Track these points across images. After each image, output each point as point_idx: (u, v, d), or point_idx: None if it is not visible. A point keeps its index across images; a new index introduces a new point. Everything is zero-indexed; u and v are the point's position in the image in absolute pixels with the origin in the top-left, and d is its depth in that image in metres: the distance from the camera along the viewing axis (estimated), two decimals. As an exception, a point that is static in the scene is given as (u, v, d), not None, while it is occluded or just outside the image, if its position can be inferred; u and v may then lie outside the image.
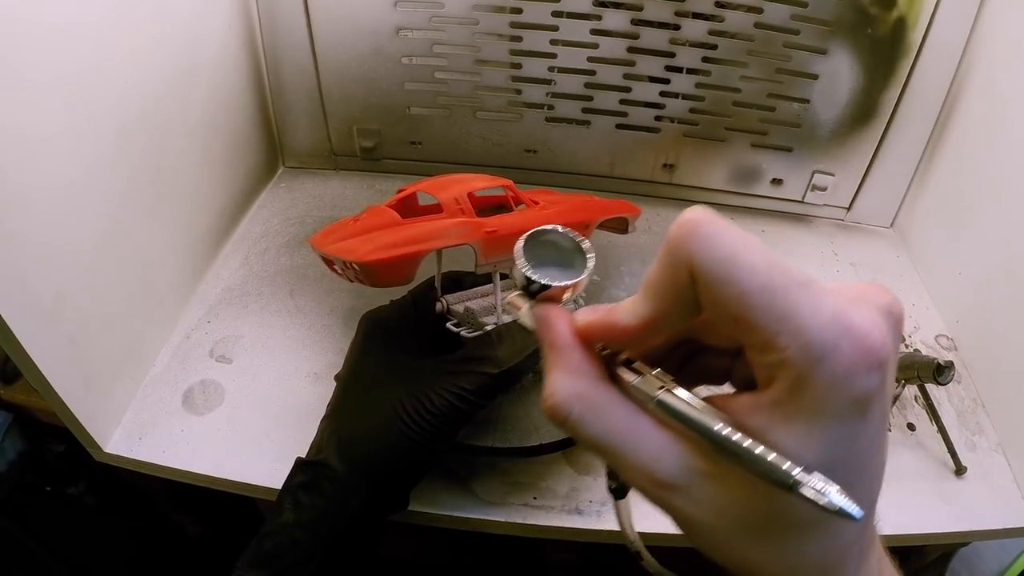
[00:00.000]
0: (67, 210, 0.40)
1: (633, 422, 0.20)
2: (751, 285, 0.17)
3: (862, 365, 0.17)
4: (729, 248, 0.17)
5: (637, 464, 0.20)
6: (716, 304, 0.18)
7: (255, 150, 0.65)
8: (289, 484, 0.35)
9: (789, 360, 0.17)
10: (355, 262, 0.33)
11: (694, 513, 0.19)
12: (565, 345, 0.21)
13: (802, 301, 0.17)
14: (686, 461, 0.19)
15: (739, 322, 0.17)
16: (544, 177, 0.68)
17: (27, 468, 0.88)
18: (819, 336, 0.16)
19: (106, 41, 0.42)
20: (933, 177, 0.63)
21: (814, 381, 0.17)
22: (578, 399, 0.20)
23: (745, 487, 0.19)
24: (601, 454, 0.21)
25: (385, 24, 0.59)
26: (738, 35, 0.58)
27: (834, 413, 0.17)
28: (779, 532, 0.19)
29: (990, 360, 0.52)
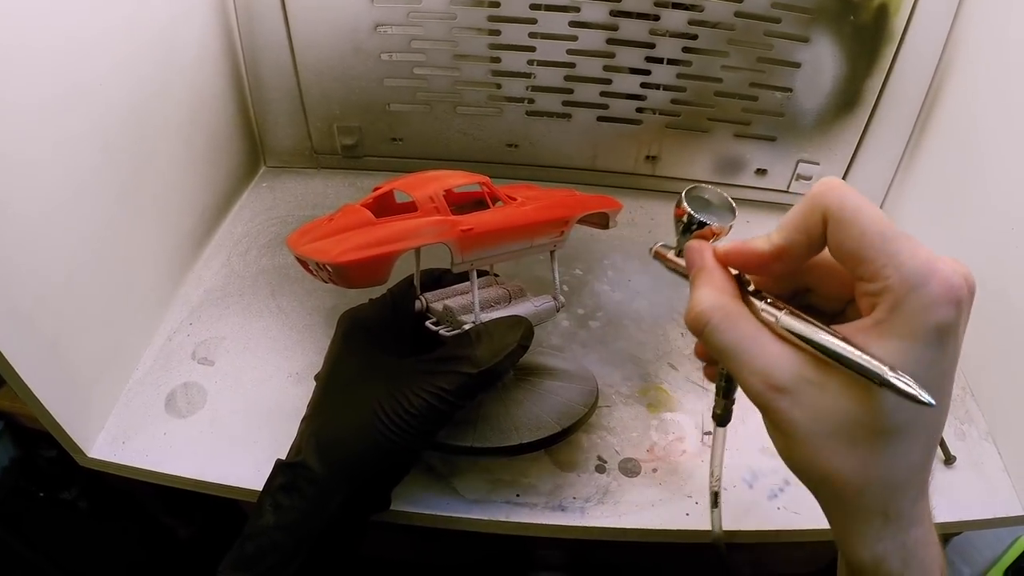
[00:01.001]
0: (46, 215, 0.39)
1: (759, 334, 0.25)
2: (871, 227, 0.22)
3: (944, 299, 0.21)
4: (857, 201, 0.23)
5: (758, 367, 0.24)
6: (842, 241, 0.23)
7: (236, 150, 0.65)
8: (269, 486, 0.35)
9: (890, 287, 0.22)
10: (327, 263, 0.33)
11: (796, 416, 0.23)
12: (711, 267, 0.27)
13: (905, 246, 0.22)
14: (798, 369, 0.24)
15: (856, 256, 0.23)
16: (526, 171, 0.68)
17: (20, 474, 0.88)
18: (915, 271, 0.21)
19: (85, 58, 0.42)
20: (919, 164, 0.63)
21: (907, 304, 0.22)
22: (718, 309, 0.25)
23: (843, 394, 0.23)
24: (728, 358, 0.25)
25: (363, 20, 0.59)
26: (719, 24, 0.58)
27: (919, 335, 0.22)
28: (863, 438, 0.23)
29: (979, 349, 0.52)
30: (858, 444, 0.23)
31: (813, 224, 0.24)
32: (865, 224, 0.22)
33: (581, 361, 0.50)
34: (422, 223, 0.35)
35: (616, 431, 0.47)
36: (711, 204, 0.29)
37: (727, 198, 0.29)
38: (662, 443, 0.46)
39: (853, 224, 0.23)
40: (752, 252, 0.26)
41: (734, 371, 0.25)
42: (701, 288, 0.26)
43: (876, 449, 0.23)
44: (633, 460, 0.45)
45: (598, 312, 0.56)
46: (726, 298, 0.26)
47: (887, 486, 0.24)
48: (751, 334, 0.25)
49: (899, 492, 0.24)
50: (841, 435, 0.23)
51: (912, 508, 0.25)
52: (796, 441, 0.24)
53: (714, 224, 0.28)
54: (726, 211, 0.29)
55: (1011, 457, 0.47)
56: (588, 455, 0.45)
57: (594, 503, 0.43)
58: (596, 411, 0.45)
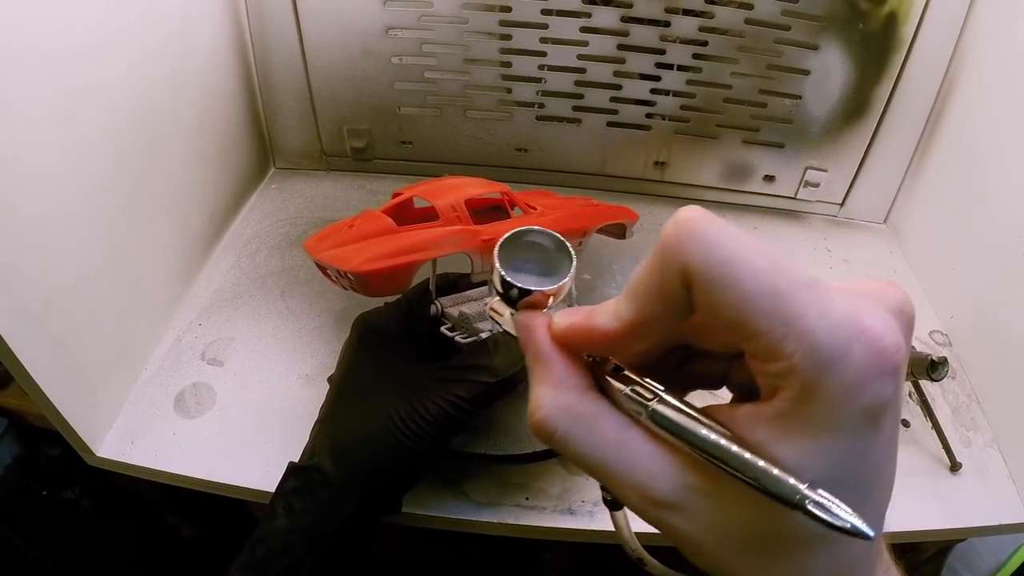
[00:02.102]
0: (57, 216, 0.40)
1: (624, 436, 0.19)
2: (753, 288, 0.16)
3: (875, 371, 0.15)
4: (728, 249, 0.16)
5: (629, 481, 0.19)
6: (714, 308, 0.16)
7: (246, 152, 0.65)
8: (282, 489, 0.35)
9: (795, 367, 0.16)
10: (349, 272, 0.33)
11: (691, 532, 0.18)
12: (548, 355, 0.20)
13: (808, 303, 0.16)
14: (681, 477, 0.18)
15: (740, 327, 0.16)
16: (535, 176, 0.68)
17: (23, 472, 0.88)
18: (828, 340, 0.15)
19: (97, 60, 0.42)
20: (926, 172, 0.63)
21: (823, 390, 0.16)
22: (564, 413, 0.19)
23: (745, 504, 0.18)
24: (591, 472, 0.20)
25: (374, 24, 0.59)
26: (729, 31, 0.58)
27: (844, 425, 0.16)
28: (782, 551, 0.18)
29: (984, 356, 0.52)
30: (776, 558, 0.18)
31: (670, 286, 0.17)
32: (744, 282, 0.16)
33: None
34: (444, 233, 0.35)
35: (625, 436, 0.47)
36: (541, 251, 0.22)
37: (561, 241, 0.22)
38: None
39: (726, 285, 0.16)
40: (597, 333, 0.19)
41: (603, 484, 0.20)
42: (538, 385, 0.20)
43: (799, 560, 0.18)
44: (642, 465, 0.45)
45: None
46: (573, 395, 0.20)
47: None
48: (614, 439, 0.19)
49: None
50: (752, 548, 0.18)
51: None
52: (700, 556, 0.19)
53: (539, 289, 0.21)
54: (560, 260, 0.22)
55: (1016, 464, 0.47)
56: (597, 459, 0.45)
57: (602, 507, 0.42)
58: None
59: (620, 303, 0.19)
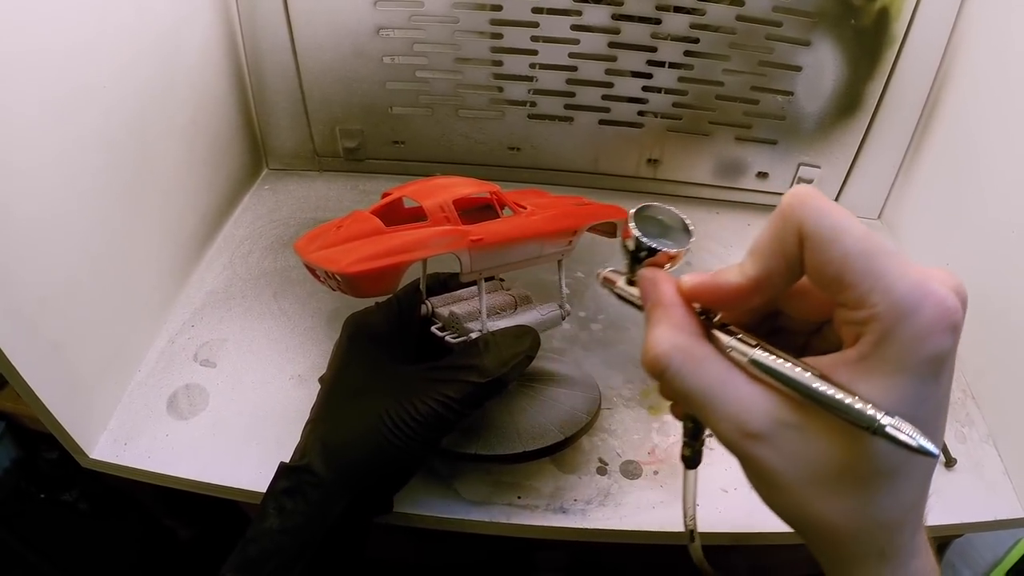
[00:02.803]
0: (49, 217, 0.40)
1: (727, 376, 0.22)
2: (853, 248, 0.19)
3: (939, 325, 0.19)
4: (835, 217, 0.20)
5: (729, 414, 0.22)
6: (820, 264, 0.20)
7: (238, 153, 0.65)
8: (273, 489, 0.35)
9: (877, 315, 0.19)
10: (337, 273, 0.33)
11: (776, 463, 0.21)
12: (670, 302, 0.23)
13: (892, 266, 0.19)
14: (774, 413, 0.21)
15: (838, 281, 0.20)
16: (528, 174, 0.68)
17: (21, 475, 0.88)
18: (905, 296, 0.19)
19: (88, 62, 0.42)
20: (920, 168, 0.63)
21: (897, 336, 0.19)
22: (678, 351, 0.22)
23: (827, 438, 0.21)
24: (695, 405, 0.22)
25: (365, 24, 0.59)
26: (720, 28, 0.58)
27: (912, 369, 0.19)
28: (852, 484, 0.21)
29: (979, 352, 0.52)
30: (847, 490, 0.21)
31: (789, 246, 0.21)
32: (848, 244, 0.20)
33: (583, 365, 0.51)
34: (432, 233, 0.35)
35: (617, 433, 0.47)
36: (664, 225, 0.26)
37: (682, 217, 0.26)
38: (663, 445, 0.46)
39: (834, 244, 0.20)
40: (724, 287, 0.23)
41: (702, 418, 0.23)
42: (657, 326, 0.23)
43: (868, 494, 0.21)
44: (634, 462, 0.45)
45: (600, 315, 0.56)
46: (686, 337, 0.23)
47: (882, 528, 0.22)
48: (719, 377, 0.22)
49: (895, 531, 0.22)
50: (828, 481, 0.21)
51: (911, 541, 0.23)
52: (779, 490, 0.22)
53: (669, 250, 0.25)
54: (681, 233, 0.26)
55: (1012, 459, 0.47)
56: (589, 457, 0.45)
57: (595, 505, 0.43)
58: (600, 408, 0.45)
59: (745, 263, 0.22)
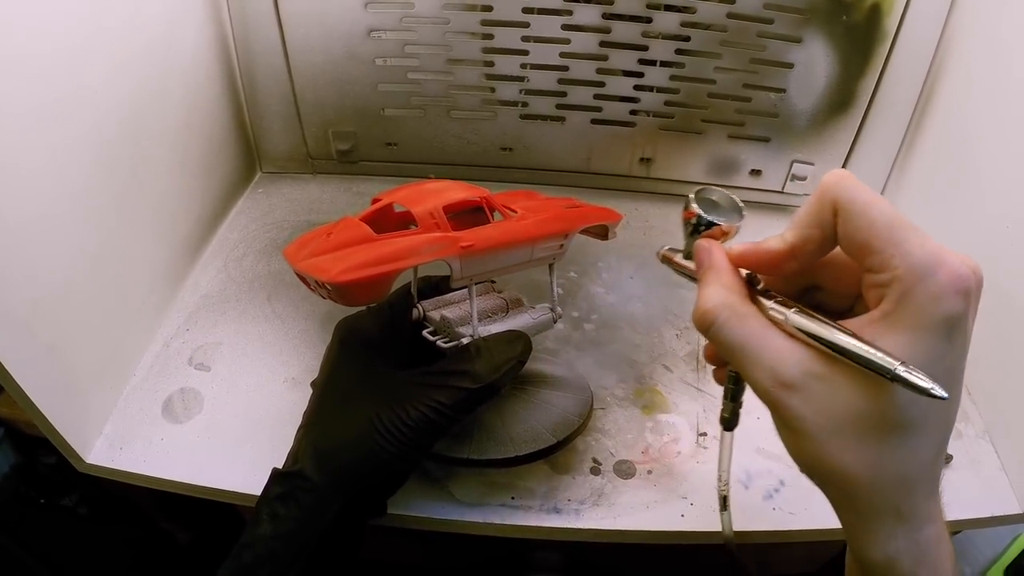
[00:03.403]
0: (41, 221, 0.40)
1: (767, 331, 0.25)
2: (880, 218, 0.23)
3: (952, 289, 0.22)
4: (865, 193, 0.23)
5: (766, 364, 0.24)
6: (851, 231, 0.23)
7: (232, 156, 0.65)
8: (266, 495, 0.35)
9: (898, 277, 0.22)
10: (327, 282, 0.33)
11: (805, 412, 0.24)
12: (721, 266, 0.27)
13: (914, 237, 0.22)
14: (807, 365, 0.24)
15: (865, 247, 0.23)
16: (521, 175, 0.68)
17: (20, 480, 0.89)
18: (922, 261, 0.22)
19: (80, 66, 0.42)
20: (914, 164, 0.63)
21: (915, 295, 0.22)
22: (726, 307, 0.26)
23: (853, 390, 0.23)
24: (736, 355, 0.25)
25: (356, 26, 0.59)
26: (711, 26, 0.58)
27: (928, 327, 0.22)
28: (872, 433, 0.23)
29: (975, 347, 0.51)
30: (869, 440, 0.23)
31: (825, 217, 0.24)
32: (875, 215, 0.23)
33: (576, 366, 0.51)
34: (422, 240, 0.35)
35: (611, 433, 0.47)
36: (719, 205, 0.30)
37: (735, 199, 0.30)
38: (657, 445, 0.46)
39: (863, 215, 0.23)
40: (767, 252, 0.26)
41: (742, 368, 0.25)
42: (709, 286, 0.27)
43: (887, 445, 0.23)
44: (628, 462, 0.45)
45: (592, 315, 0.56)
46: (734, 296, 0.26)
47: (899, 483, 0.24)
48: (759, 331, 0.25)
49: (911, 489, 0.24)
50: (851, 431, 0.23)
51: (924, 505, 0.25)
52: (805, 438, 0.24)
53: (723, 224, 0.29)
54: (734, 212, 0.30)
55: (1008, 456, 0.47)
56: (583, 457, 0.45)
57: (589, 505, 0.43)
58: (593, 411, 0.45)
59: (786, 232, 0.26)
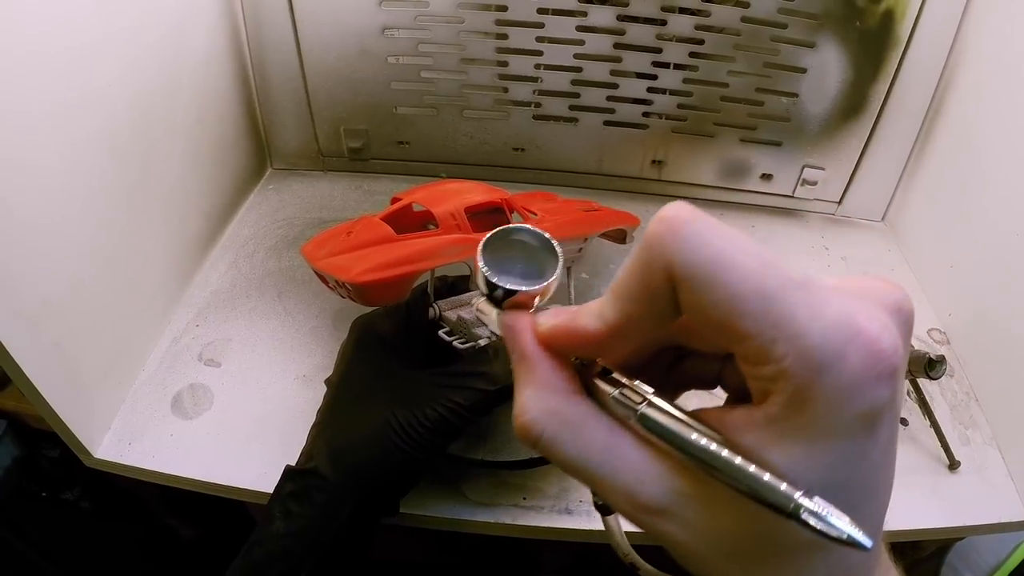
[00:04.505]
0: (53, 217, 0.40)
1: (613, 440, 0.18)
2: (742, 288, 0.15)
3: (871, 374, 0.15)
4: (716, 248, 0.15)
5: (618, 487, 0.18)
6: (701, 310, 0.16)
7: (243, 153, 0.65)
8: (279, 493, 0.35)
9: (787, 371, 0.15)
10: (348, 282, 0.33)
11: (682, 538, 0.18)
12: (533, 356, 0.19)
13: (801, 303, 0.15)
14: (672, 483, 0.17)
15: (728, 330, 0.15)
16: (532, 175, 0.68)
17: (22, 474, 0.88)
18: (821, 342, 0.15)
19: (93, 62, 0.42)
20: (924, 170, 0.63)
21: (816, 395, 0.15)
22: (551, 416, 0.19)
23: (738, 511, 0.17)
24: (579, 477, 0.19)
25: (370, 24, 0.59)
26: (725, 29, 0.58)
27: (839, 431, 0.15)
28: (776, 558, 0.17)
29: (983, 353, 0.52)
30: (770, 566, 0.18)
31: (655, 286, 0.16)
32: (732, 282, 0.15)
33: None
34: (443, 242, 0.35)
35: (622, 435, 0.47)
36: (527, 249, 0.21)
37: (546, 239, 0.21)
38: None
39: (714, 286, 0.15)
40: (581, 334, 0.19)
41: (592, 489, 0.20)
42: (524, 388, 0.19)
43: (799, 565, 0.18)
44: (639, 464, 0.45)
45: (604, 316, 0.56)
46: (559, 399, 0.19)
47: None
48: (602, 444, 0.18)
49: None
50: (747, 556, 0.18)
51: None
52: (692, 562, 0.19)
53: (524, 289, 0.20)
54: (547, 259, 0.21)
55: (1015, 462, 0.47)
56: (595, 459, 0.45)
57: (601, 507, 0.43)
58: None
59: (604, 304, 0.18)
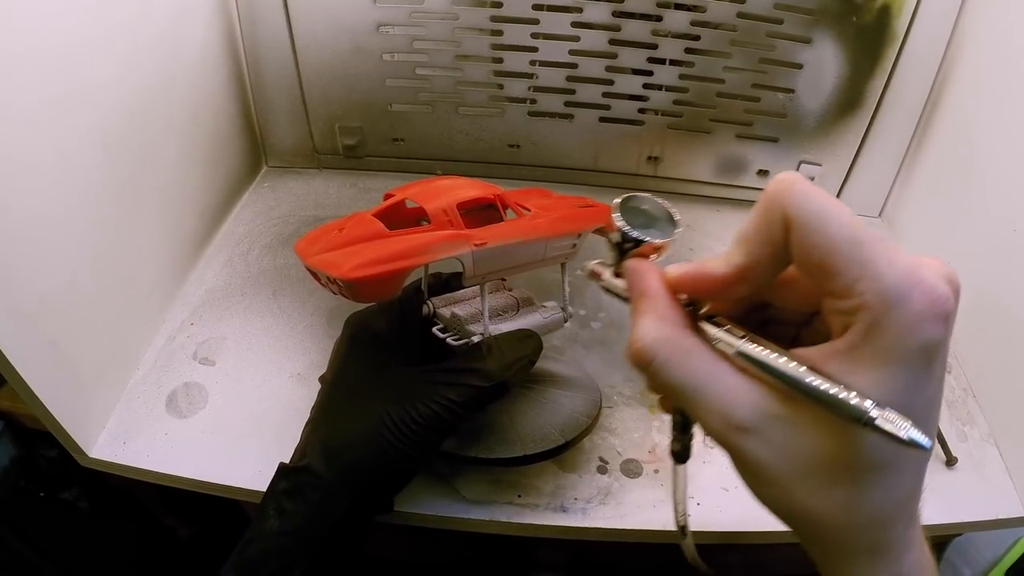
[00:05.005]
0: (47, 215, 0.39)
1: (714, 368, 0.22)
2: (839, 234, 0.19)
3: (930, 314, 0.18)
4: (820, 202, 0.19)
5: (716, 407, 0.21)
6: (806, 251, 0.19)
7: (238, 150, 0.65)
8: (273, 490, 0.35)
9: (866, 304, 0.18)
10: (339, 278, 0.33)
11: (765, 456, 0.21)
12: (655, 293, 0.23)
13: (880, 253, 0.19)
14: (762, 405, 0.21)
15: (824, 269, 0.19)
16: (528, 172, 0.68)
17: (20, 474, 0.88)
18: (894, 284, 0.18)
19: (87, 60, 0.42)
20: (921, 166, 0.63)
21: (887, 325, 0.18)
22: (664, 343, 0.22)
23: (817, 430, 0.20)
24: (681, 398, 0.22)
25: (365, 21, 0.59)
26: (721, 25, 0.58)
27: (903, 359, 0.19)
28: (843, 477, 0.20)
29: (980, 350, 0.52)
30: (838, 483, 0.20)
31: (775, 233, 0.20)
32: (833, 229, 0.19)
33: (583, 364, 0.50)
34: (436, 238, 0.35)
35: (618, 432, 0.47)
36: (649, 215, 0.25)
37: (667, 207, 0.26)
38: (664, 444, 0.46)
39: (818, 230, 0.19)
40: (710, 277, 0.22)
41: (689, 411, 0.22)
42: (644, 318, 0.23)
43: (859, 488, 0.20)
44: (635, 461, 0.45)
45: (600, 313, 0.56)
46: (674, 329, 0.22)
47: (875, 523, 0.21)
48: (705, 369, 0.22)
49: (888, 527, 0.22)
50: (818, 474, 0.20)
51: (903, 536, 0.22)
52: (767, 482, 0.21)
53: (654, 240, 0.24)
54: (666, 223, 0.25)
55: (1013, 459, 0.47)
56: (590, 456, 0.45)
57: (596, 504, 0.42)
58: (600, 415, 0.45)
59: (731, 252, 0.22)
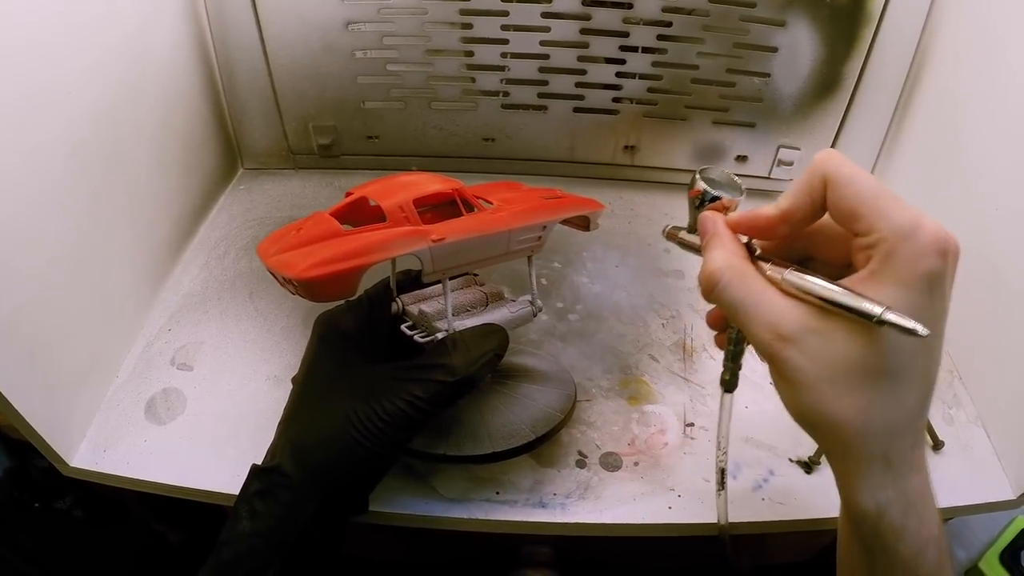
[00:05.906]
0: (22, 225, 0.39)
1: (766, 289, 0.28)
2: (866, 188, 0.26)
3: (931, 248, 0.24)
4: (852, 168, 0.27)
5: (766, 320, 0.27)
6: (840, 200, 0.26)
7: (212, 154, 0.64)
8: (245, 491, 0.35)
9: (883, 237, 0.25)
10: (293, 278, 0.32)
11: (802, 363, 0.26)
12: (724, 234, 0.30)
13: (895, 205, 0.25)
14: (803, 319, 0.26)
15: (853, 213, 0.26)
16: (504, 165, 0.67)
17: (14, 485, 0.88)
18: (905, 224, 0.25)
19: (52, 63, 0.41)
20: (902, 146, 0.63)
21: (899, 253, 0.25)
22: (729, 268, 0.29)
23: (845, 340, 0.25)
24: (738, 312, 0.28)
25: (334, 19, 0.58)
26: (693, 11, 0.57)
27: (911, 282, 0.25)
28: (863, 380, 0.26)
29: (966, 332, 0.52)
30: (860, 387, 0.26)
31: (815, 188, 0.27)
32: (860, 186, 0.26)
33: (560, 357, 0.50)
34: (391, 235, 0.34)
35: (597, 425, 0.46)
36: (720, 183, 0.32)
37: (734, 177, 0.33)
38: (643, 436, 0.46)
39: (849, 185, 0.26)
40: (763, 217, 0.29)
41: (743, 324, 0.28)
42: (713, 251, 0.30)
43: (876, 391, 0.26)
44: (614, 454, 0.45)
45: (577, 305, 0.55)
46: (736, 259, 0.29)
47: (887, 429, 0.26)
48: (759, 289, 0.28)
49: (898, 436, 0.27)
50: (843, 379, 0.26)
51: (911, 454, 0.27)
52: (801, 388, 0.27)
53: (726, 198, 0.32)
54: (734, 189, 0.33)
55: (1000, 441, 0.47)
56: (568, 450, 0.45)
57: (575, 499, 0.42)
58: (576, 406, 0.44)
59: (780, 200, 0.29)
